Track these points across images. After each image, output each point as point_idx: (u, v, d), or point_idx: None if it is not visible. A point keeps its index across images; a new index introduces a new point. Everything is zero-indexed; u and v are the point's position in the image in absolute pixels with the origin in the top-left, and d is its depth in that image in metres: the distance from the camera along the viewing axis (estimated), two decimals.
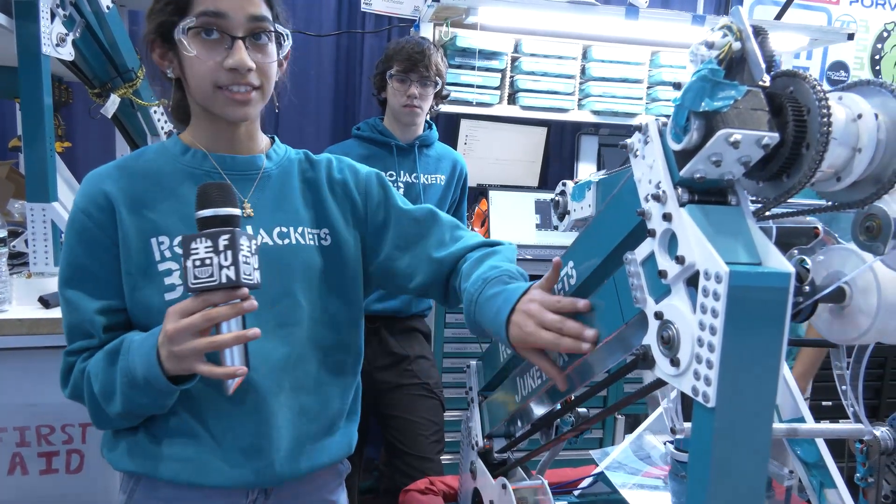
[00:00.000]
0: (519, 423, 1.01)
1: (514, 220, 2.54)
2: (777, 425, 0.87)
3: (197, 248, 0.76)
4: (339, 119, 2.81)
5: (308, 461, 0.97)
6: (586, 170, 2.88)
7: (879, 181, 0.53)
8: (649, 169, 0.58)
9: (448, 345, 2.27)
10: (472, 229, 2.52)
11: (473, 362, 1.10)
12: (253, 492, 0.95)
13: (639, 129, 0.60)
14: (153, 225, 0.91)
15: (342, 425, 1.02)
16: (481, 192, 2.58)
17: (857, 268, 0.63)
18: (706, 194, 0.55)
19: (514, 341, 0.77)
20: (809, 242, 0.72)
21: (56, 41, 1.36)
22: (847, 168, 0.53)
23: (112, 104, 1.60)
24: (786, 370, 1.10)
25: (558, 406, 0.89)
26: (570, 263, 0.74)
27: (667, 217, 0.55)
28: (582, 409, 0.94)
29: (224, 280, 0.76)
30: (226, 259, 0.75)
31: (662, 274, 0.55)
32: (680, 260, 0.53)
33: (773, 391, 0.50)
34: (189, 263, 0.76)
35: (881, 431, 1.67)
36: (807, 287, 0.66)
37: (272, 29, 0.92)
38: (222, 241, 0.76)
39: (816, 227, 0.73)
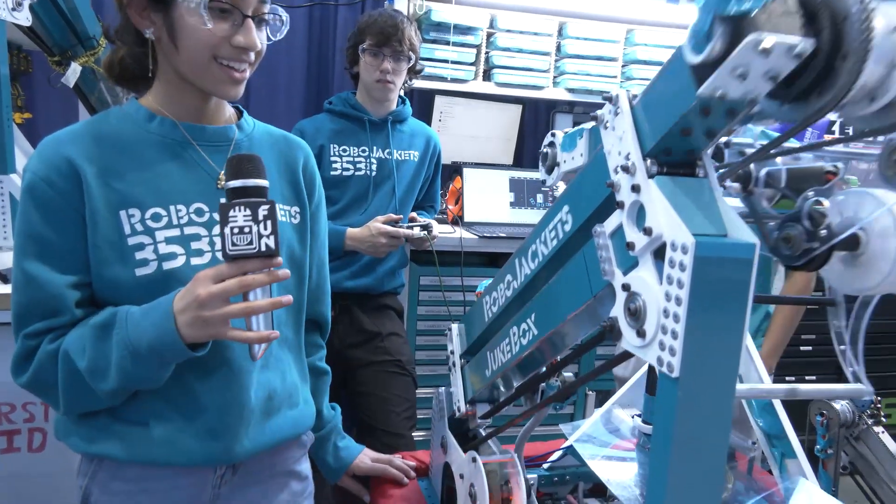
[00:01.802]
0: (502, 388, 0.99)
1: (488, 198, 2.54)
2: (777, 386, 0.87)
3: (236, 216, 0.76)
4: (311, 92, 2.75)
5: (274, 435, 0.97)
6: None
7: None
8: (619, 140, 0.58)
9: (421, 322, 2.27)
10: (446, 207, 2.51)
11: (454, 325, 1.06)
12: (221, 467, 0.95)
13: (609, 99, 0.59)
14: (122, 196, 0.87)
15: (301, 396, 1.04)
16: (455, 170, 2.57)
17: (873, 212, 0.58)
18: (674, 166, 0.55)
19: None
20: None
21: (12, 5, 1.30)
22: (882, 86, 0.47)
23: (73, 73, 1.54)
24: (749, 343, 1.12)
25: (543, 369, 0.88)
26: (541, 237, 0.74)
27: (635, 188, 0.55)
28: (567, 374, 0.95)
29: (263, 248, 0.77)
30: (265, 228, 0.77)
31: (630, 246, 0.55)
32: (647, 231, 0.53)
33: (736, 361, 0.51)
34: (227, 230, 0.76)
35: (841, 405, 1.72)
36: (823, 231, 0.61)
37: (278, 14, 0.92)
38: (262, 211, 0.76)
39: (830, 171, 0.68)
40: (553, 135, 0.84)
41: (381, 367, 1.82)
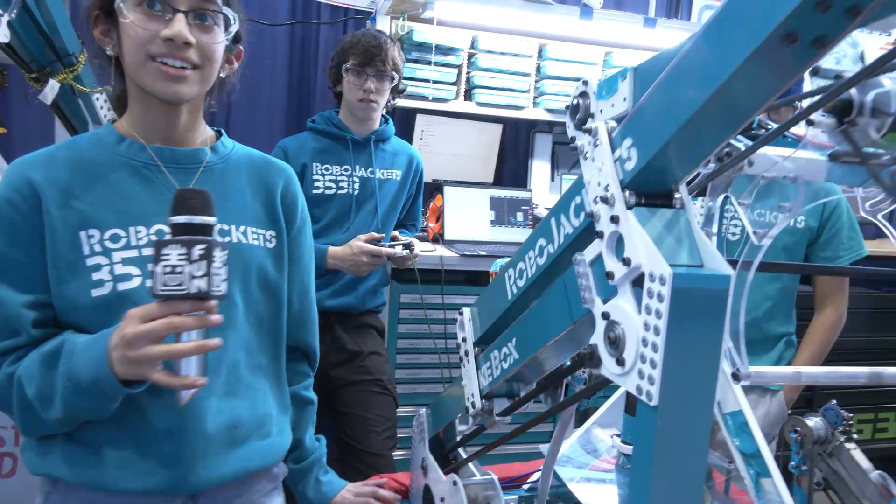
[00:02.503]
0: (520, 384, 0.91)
1: (468, 216, 2.55)
2: (857, 370, 0.79)
3: (169, 255, 0.73)
4: (292, 111, 2.76)
5: (238, 465, 0.94)
6: (540, 167, 2.91)
7: None
8: (598, 171, 0.59)
9: (402, 340, 2.26)
10: (427, 225, 2.52)
11: (466, 309, 0.94)
12: (179, 497, 0.91)
13: (589, 131, 0.61)
14: (82, 217, 0.88)
15: (274, 428, 1.01)
16: (436, 188, 2.58)
17: None
18: (653, 197, 0.57)
19: None
20: None
21: None
22: None
23: (51, 90, 1.52)
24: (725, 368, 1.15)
25: (568, 362, 0.79)
26: (520, 265, 0.75)
27: (614, 219, 0.56)
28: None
29: (195, 290, 0.73)
30: (199, 269, 0.73)
31: (609, 275, 0.56)
32: (626, 262, 0.54)
33: (713, 390, 0.52)
34: (158, 269, 0.73)
35: (814, 422, 1.75)
36: None
37: (220, 11, 0.89)
38: (197, 251, 0.73)
39: None
40: (585, 83, 0.73)
41: (362, 386, 1.82)
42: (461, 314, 0.94)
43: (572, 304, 0.64)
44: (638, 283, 0.54)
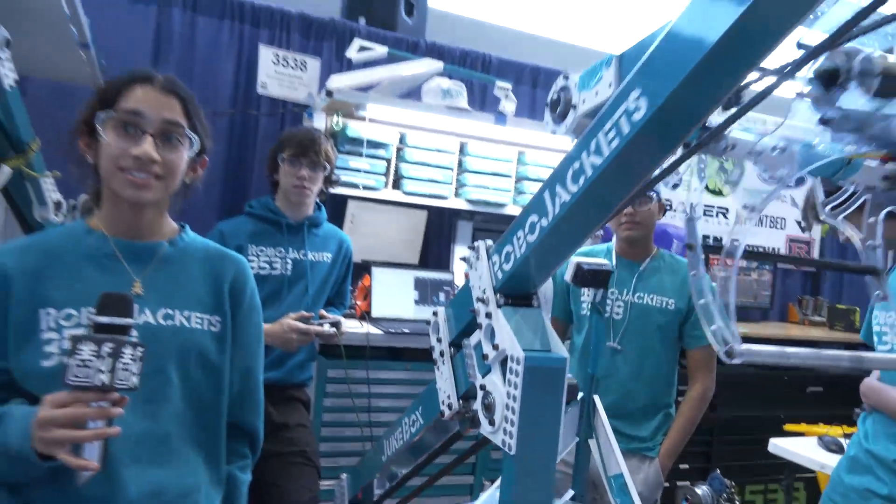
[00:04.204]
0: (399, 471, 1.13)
1: (394, 295, 2.73)
2: (842, 353, 0.73)
3: (82, 350, 0.86)
4: (227, 194, 2.88)
5: None
6: (462, 251, 3.16)
7: None
8: (479, 279, 0.79)
9: (327, 413, 2.36)
10: (355, 303, 2.67)
11: (440, 309, 0.93)
12: None
13: (473, 247, 0.82)
14: (44, 297, 1.00)
15: (203, 500, 1.08)
16: (365, 268, 2.76)
17: None
18: (517, 298, 0.77)
19: None
20: None
21: None
22: None
23: (3, 174, 1.63)
24: (609, 433, 1.35)
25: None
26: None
27: (488, 315, 0.76)
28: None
29: (98, 383, 0.86)
30: (105, 365, 0.86)
31: (485, 357, 0.76)
32: (496, 347, 0.74)
33: (555, 442, 0.71)
34: (71, 361, 0.85)
35: (702, 490, 1.99)
36: None
37: (184, 134, 1.06)
38: (105, 349, 0.86)
39: None
40: (566, 77, 0.75)
41: (286, 458, 1.91)
42: (435, 315, 0.94)
43: (460, 378, 0.83)
44: (504, 363, 0.73)
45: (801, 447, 2.18)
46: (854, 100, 0.58)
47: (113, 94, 1.04)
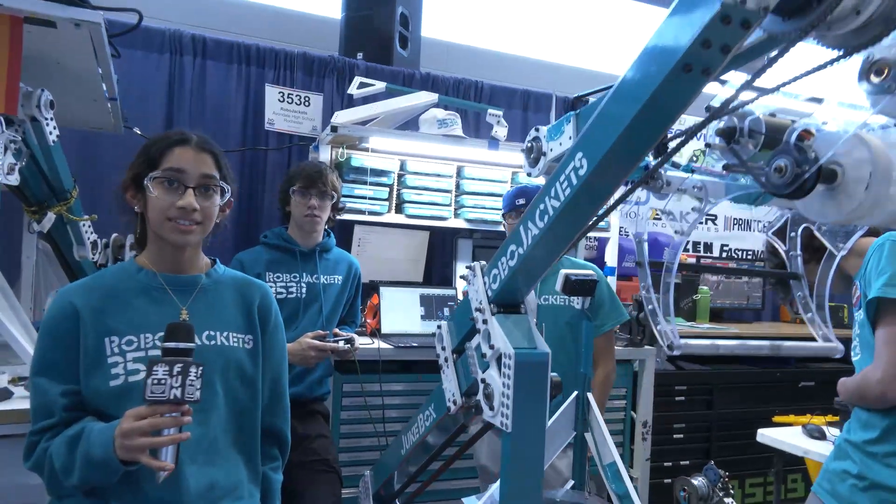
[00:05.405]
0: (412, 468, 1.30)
1: (401, 312, 2.90)
2: (763, 342, 0.98)
3: (157, 371, 1.05)
4: (241, 224, 3.08)
5: None
6: (463, 268, 3.34)
7: (889, 20, 0.54)
8: (476, 293, 0.97)
9: (344, 426, 2.52)
10: (366, 321, 2.84)
11: (444, 322, 1.09)
12: None
13: (470, 267, 1.00)
14: (107, 328, 1.19)
15: (246, 493, 1.27)
16: (373, 288, 2.93)
17: (851, 146, 0.62)
18: (508, 307, 0.95)
19: None
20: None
21: (6, 169, 1.60)
22: (865, 1, 0.54)
23: (48, 221, 1.82)
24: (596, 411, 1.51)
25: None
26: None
27: (485, 322, 0.94)
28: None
29: (172, 397, 1.05)
30: (176, 382, 1.05)
31: (484, 356, 0.93)
32: (492, 347, 0.91)
33: (544, 420, 0.88)
34: (149, 380, 1.04)
35: (698, 481, 2.15)
36: (812, 154, 0.65)
37: (217, 184, 1.26)
38: (176, 368, 1.06)
39: (805, 130, 0.72)
40: (537, 129, 0.90)
41: (311, 466, 2.07)
42: (439, 328, 1.09)
43: (464, 375, 1.00)
44: (499, 359, 0.91)
45: (787, 436, 2.33)
46: (747, 151, 0.75)
47: (156, 154, 1.23)
